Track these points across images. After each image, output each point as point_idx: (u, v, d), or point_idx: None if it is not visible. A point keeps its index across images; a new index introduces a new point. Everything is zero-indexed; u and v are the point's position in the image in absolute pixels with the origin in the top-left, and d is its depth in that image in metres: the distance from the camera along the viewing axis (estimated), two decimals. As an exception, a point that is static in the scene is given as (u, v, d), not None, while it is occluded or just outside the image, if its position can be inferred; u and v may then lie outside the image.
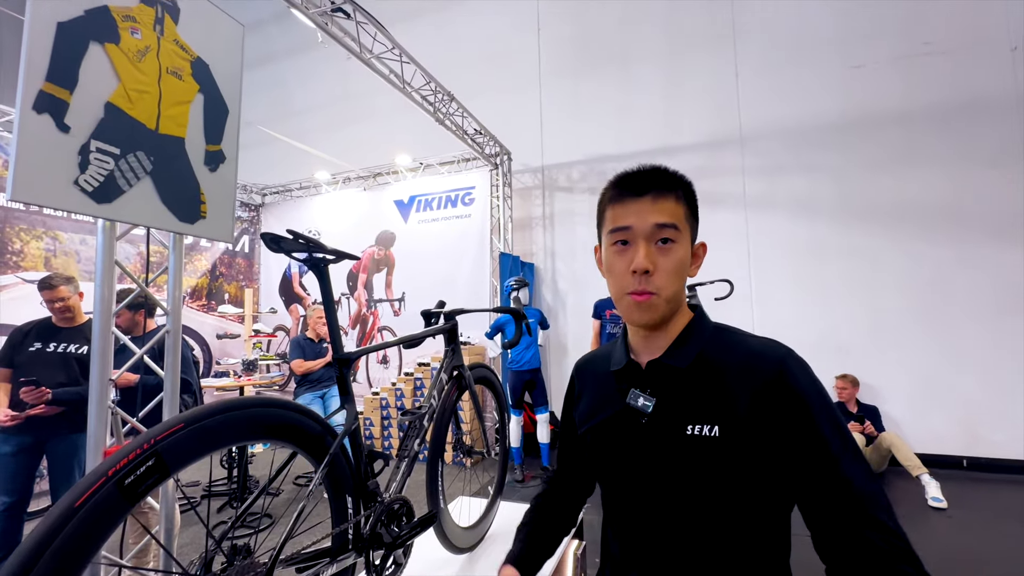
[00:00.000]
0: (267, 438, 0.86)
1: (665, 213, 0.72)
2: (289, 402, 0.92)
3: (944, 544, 2.84)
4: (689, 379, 0.73)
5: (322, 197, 6.80)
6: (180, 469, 0.72)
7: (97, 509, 0.60)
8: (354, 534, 1.04)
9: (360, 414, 5.09)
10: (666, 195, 0.73)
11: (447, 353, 1.55)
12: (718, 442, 0.68)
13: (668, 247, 0.71)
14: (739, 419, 0.67)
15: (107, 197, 1.53)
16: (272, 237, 0.94)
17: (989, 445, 4.07)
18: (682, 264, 0.72)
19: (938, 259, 4.27)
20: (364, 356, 6.28)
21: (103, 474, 0.62)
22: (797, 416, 0.65)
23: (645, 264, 0.70)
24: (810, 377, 0.68)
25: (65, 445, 2.53)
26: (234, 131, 2.01)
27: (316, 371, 4.01)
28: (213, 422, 0.76)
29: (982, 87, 4.22)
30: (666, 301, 0.72)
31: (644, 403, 0.75)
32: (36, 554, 0.55)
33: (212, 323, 6.23)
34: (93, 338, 1.52)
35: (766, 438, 0.66)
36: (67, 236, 4.64)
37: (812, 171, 4.69)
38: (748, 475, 0.67)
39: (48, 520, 0.57)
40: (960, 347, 4.18)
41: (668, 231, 0.71)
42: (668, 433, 0.72)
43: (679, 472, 0.71)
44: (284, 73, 7.60)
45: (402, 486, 1.23)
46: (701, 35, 5.23)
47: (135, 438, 0.69)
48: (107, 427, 1.54)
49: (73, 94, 1.46)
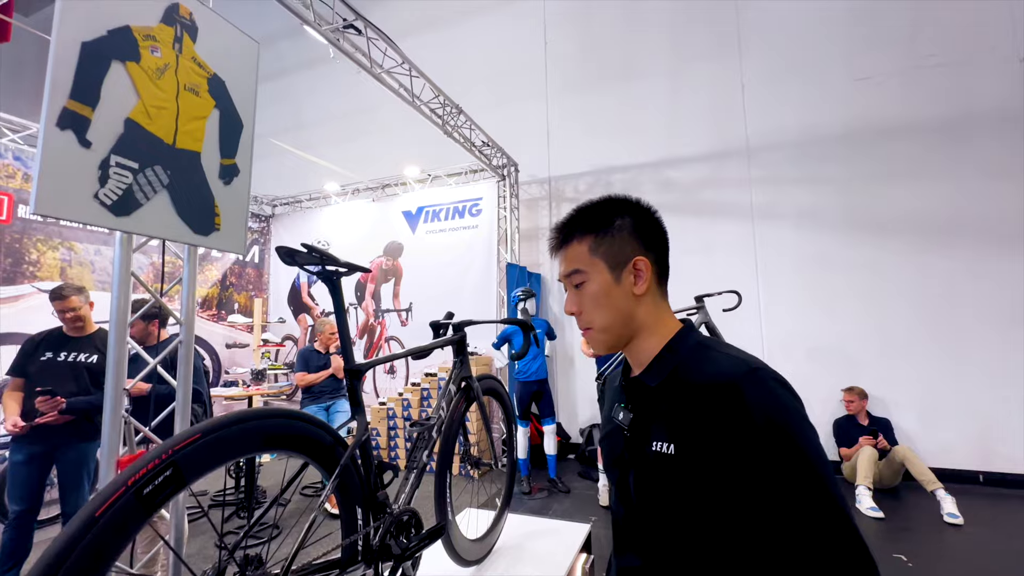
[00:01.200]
0: (280, 449, 0.87)
1: (566, 262, 0.81)
2: (302, 413, 0.93)
3: (961, 562, 2.77)
4: (657, 397, 0.74)
5: (331, 208, 6.88)
6: (196, 479, 0.73)
7: (117, 518, 0.62)
8: (363, 545, 1.04)
9: (343, 423, 5.09)
10: (567, 244, 0.82)
11: (455, 364, 1.56)
12: (674, 460, 0.68)
13: (582, 288, 0.80)
14: (693, 438, 0.67)
15: (125, 210, 1.57)
16: (287, 251, 0.96)
17: (1007, 460, 3.98)
18: (598, 296, 0.78)
19: (947, 270, 4.22)
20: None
21: (123, 484, 0.63)
22: (743, 442, 0.62)
23: (569, 309, 0.82)
24: (764, 401, 0.63)
25: (75, 454, 2.56)
26: (248, 145, 2.05)
27: (319, 383, 4.03)
28: (228, 432, 0.77)
29: (989, 98, 4.21)
30: (601, 331, 0.79)
31: (623, 417, 0.80)
32: (59, 561, 0.56)
33: (222, 332, 6.29)
34: (109, 348, 1.54)
35: (717, 460, 0.64)
36: (82, 247, 4.72)
37: (818, 183, 4.68)
38: (701, 495, 0.66)
39: (70, 529, 0.58)
40: (972, 359, 4.11)
41: (574, 277, 0.80)
42: (638, 448, 0.75)
43: (643, 486, 0.74)
44: (295, 86, 7.74)
45: (411, 497, 1.23)
46: (706, 47, 5.27)
47: (153, 448, 0.70)
48: (120, 436, 1.56)
49: (95, 111, 1.51)
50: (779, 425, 0.61)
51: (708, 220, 5.06)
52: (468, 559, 1.50)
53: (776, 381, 0.65)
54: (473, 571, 1.54)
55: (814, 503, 0.59)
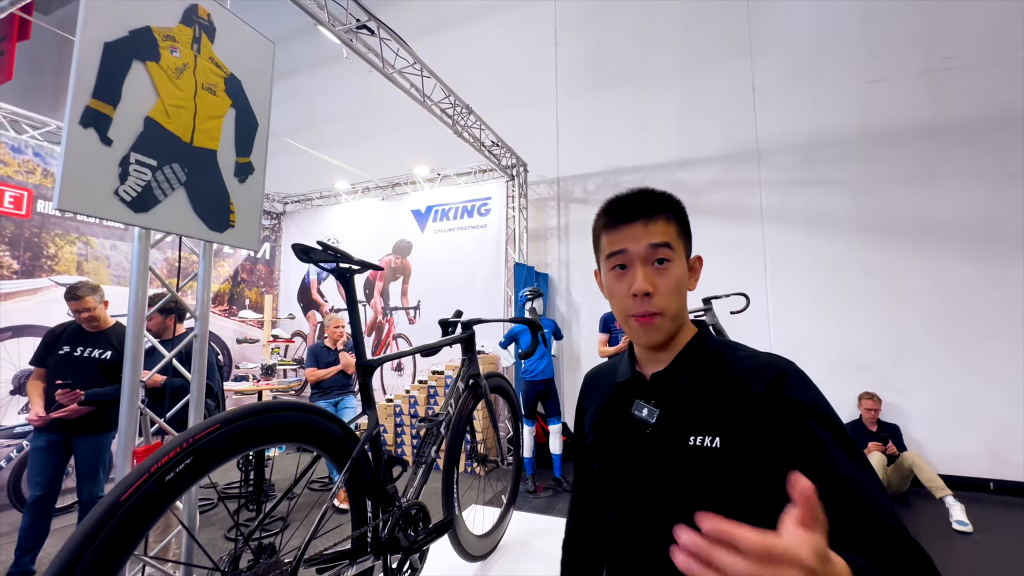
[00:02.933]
0: (294, 440, 0.90)
1: (658, 234, 0.74)
2: (314, 407, 0.96)
3: (970, 570, 2.74)
4: (692, 390, 0.74)
5: (341, 206, 6.94)
6: (215, 468, 0.76)
7: (140, 503, 0.64)
8: (372, 537, 1.07)
9: (354, 418, 5.14)
10: (656, 217, 0.75)
11: (464, 362, 1.58)
12: (719, 453, 0.69)
13: (665, 267, 0.74)
14: (739, 430, 0.68)
15: (144, 207, 1.61)
16: (302, 248, 0.99)
17: (1019, 469, 3.92)
18: (680, 281, 0.75)
19: (960, 275, 4.17)
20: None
21: (146, 470, 0.66)
22: (794, 424, 0.64)
23: (645, 286, 0.72)
24: (808, 387, 0.68)
25: (90, 444, 2.62)
26: (263, 144, 2.09)
27: (328, 379, 4.08)
28: (246, 424, 0.79)
29: (1004, 102, 4.15)
30: (670, 320, 0.75)
31: (648, 413, 0.77)
32: (87, 541, 0.59)
33: (233, 328, 6.37)
34: (127, 341, 1.58)
35: (766, 448, 0.66)
36: (98, 241, 4.82)
37: (830, 185, 4.64)
38: (749, 485, 0.67)
39: (97, 512, 0.61)
40: (984, 366, 4.06)
41: (663, 251, 0.74)
42: (671, 443, 0.74)
43: (681, 482, 0.72)
44: (306, 85, 7.82)
45: (419, 492, 1.26)
46: (718, 50, 5.25)
47: (173, 438, 0.73)
48: (136, 427, 1.60)
49: (116, 109, 1.54)
50: (821, 406, 0.65)
51: (717, 222, 5.04)
52: (474, 554, 1.52)
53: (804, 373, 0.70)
54: (478, 566, 1.56)
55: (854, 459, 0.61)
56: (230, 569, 0.80)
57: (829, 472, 0.60)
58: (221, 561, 0.81)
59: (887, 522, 0.57)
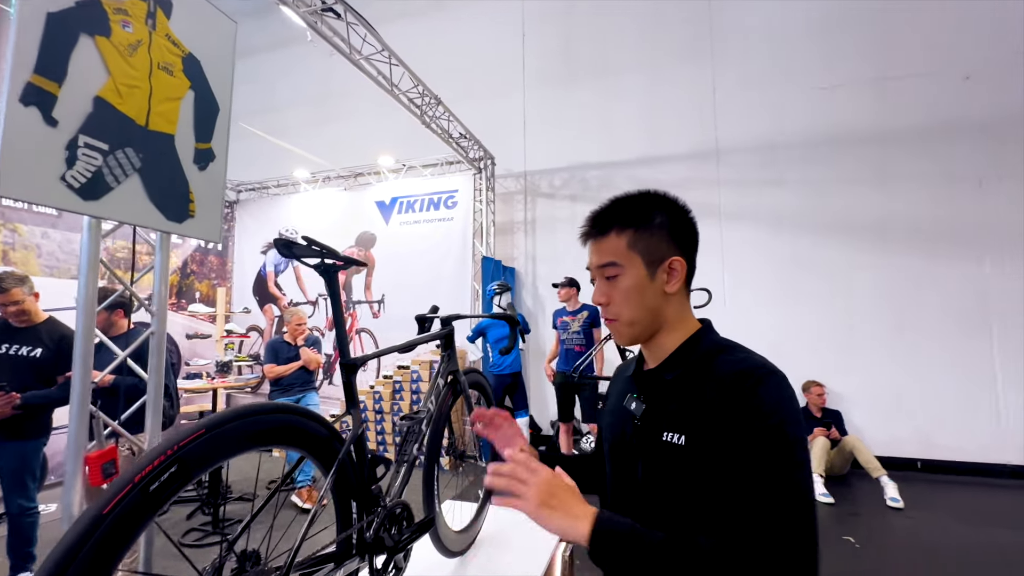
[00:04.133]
0: (281, 443, 0.87)
1: (603, 253, 0.81)
2: (300, 407, 0.92)
3: (903, 541, 3.01)
4: (672, 389, 0.78)
5: (300, 196, 6.67)
6: (199, 475, 0.72)
7: (123, 516, 0.60)
8: (358, 539, 1.05)
9: (337, 418, 5.02)
10: (603, 236, 0.81)
11: (443, 358, 1.57)
12: (683, 450, 0.72)
13: (614, 280, 0.80)
14: (703, 430, 0.71)
15: (94, 194, 1.49)
16: (285, 242, 0.95)
17: (942, 449, 4.32)
18: (630, 291, 0.79)
19: (902, 274, 4.52)
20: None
21: (129, 481, 0.62)
22: (745, 427, 0.66)
23: (597, 298, 0.83)
24: (772, 394, 0.68)
25: (14, 451, 2.37)
26: (224, 129, 1.98)
27: (288, 376, 3.94)
28: (232, 428, 0.76)
29: (940, 112, 4.51)
30: (627, 324, 0.81)
31: (636, 407, 0.83)
32: (67, 560, 0.54)
33: (182, 322, 6.01)
34: (76, 339, 1.47)
35: (723, 448, 0.68)
36: (27, 229, 4.41)
37: (785, 186, 4.90)
38: (709, 483, 0.69)
39: (77, 527, 0.57)
40: (919, 357, 4.43)
41: (607, 269, 0.81)
42: (649, 437, 0.78)
43: (652, 475, 0.77)
44: (263, 68, 7.43)
45: (402, 490, 1.24)
46: (680, 49, 5.40)
47: (156, 445, 0.69)
48: (87, 430, 1.49)
49: (62, 87, 1.42)
50: (775, 417, 0.66)
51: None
52: (453, 550, 1.52)
53: (785, 384, 0.70)
54: (457, 562, 1.56)
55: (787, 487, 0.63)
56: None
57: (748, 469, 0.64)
58: (204, 571, 0.77)
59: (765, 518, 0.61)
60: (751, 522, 0.62)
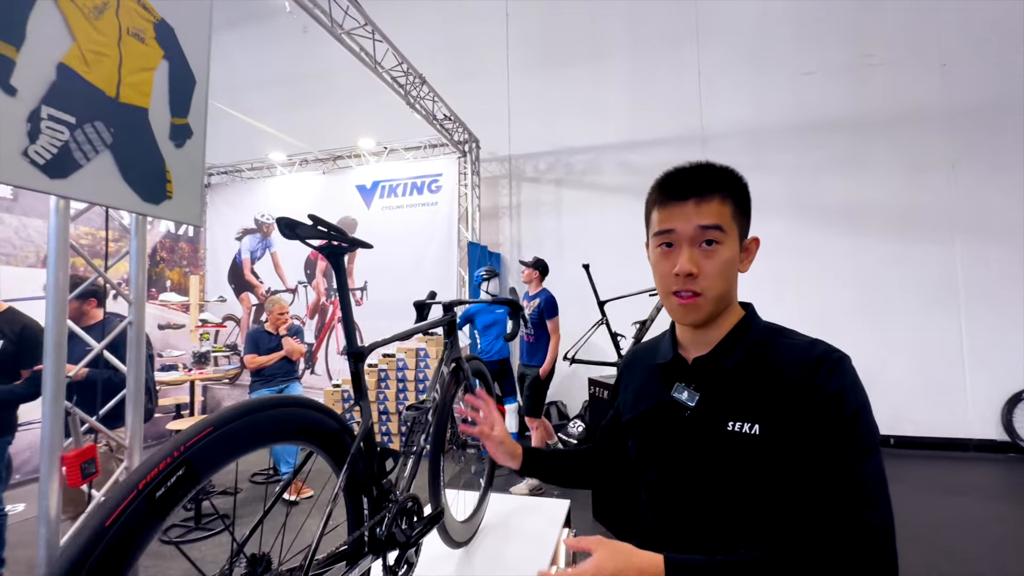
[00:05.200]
0: (291, 439, 0.81)
1: (709, 215, 0.72)
2: (310, 400, 0.86)
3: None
4: (734, 377, 0.74)
5: (276, 179, 6.41)
6: (208, 477, 0.65)
7: (128, 526, 0.54)
8: (370, 536, 1.00)
9: (346, 410, 4.92)
10: (710, 196, 0.73)
11: (446, 346, 1.51)
12: (758, 440, 0.69)
13: (713, 248, 0.72)
14: (777, 418, 0.69)
15: (62, 172, 1.36)
16: (287, 222, 0.87)
17: (912, 424, 4.52)
18: (728, 264, 0.73)
19: (877, 256, 4.66)
20: (323, 345, 6.05)
21: (133, 487, 0.55)
22: (817, 413, 0.66)
23: (688, 268, 0.71)
24: (837, 377, 0.68)
25: None
26: (202, 104, 1.84)
27: (270, 366, 3.81)
28: (241, 424, 0.69)
29: (916, 99, 4.61)
30: (713, 301, 0.74)
31: (688, 397, 0.77)
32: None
33: (153, 312, 5.74)
34: (47, 331, 1.35)
35: (799, 437, 0.67)
36: (-21, 213, 4.11)
37: (768, 171, 4.95)
38: (785, 473, 0.68)
39: (79, 541, 0.50)
40: (891, 337, 4.59)
41: (712, 233, 0.72)
42: (709, 428, 0.74)
43: (718, 466, 0.73)
44: (233, 42, 7.05)
45: (411, 483, 1.19)
46: (666, 33, 5.36)
47: (161, 446, 0.62)
48: (62, 428, 1.39)
49: (20, 52, 1.27)
50: (843, 398, 0.66)
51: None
52: (459, 540, 1.49)
53: (852, 365, 0.70)
54: (462, 553, 1.53)
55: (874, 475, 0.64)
56: (224, 585, 0.71)
57: (825, 460, 0.64)
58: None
59: (851, 512, 0.61)
60: (838, 517, 0.61)
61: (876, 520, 0.60)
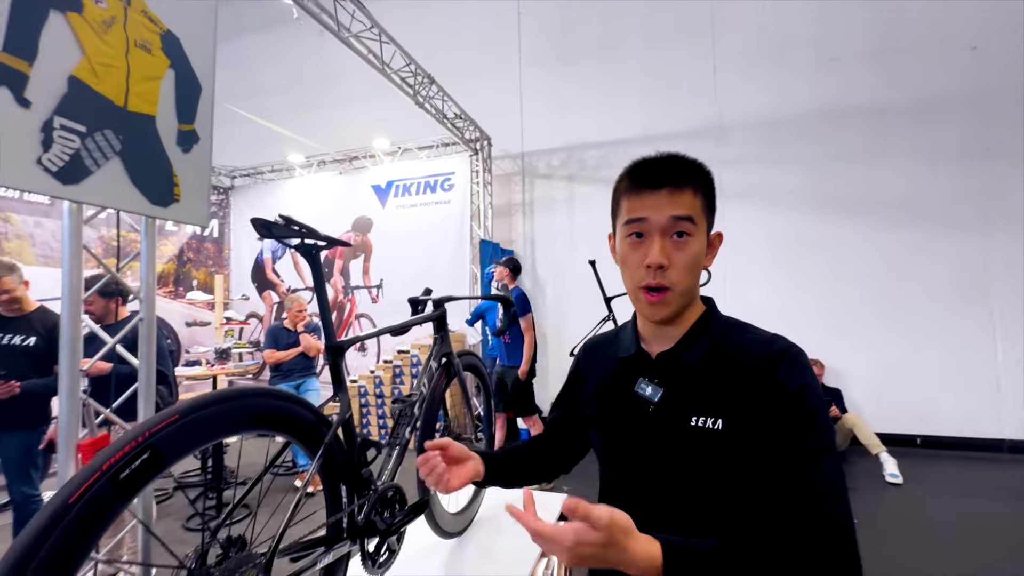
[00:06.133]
0: (262, 428, 0.85)
1: (682, 206, 0.70)
2: (283, 392, 0.90)
3: (901, 515, 3.03)
4: (697, 372, 0.74)
5: (295, 180, 6.59)
6: (175, 462, 0.70)
7: (92, 505, 0.58)
8: (348, 522, 1.04)
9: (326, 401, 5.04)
10: (684, 187, 0.71)
11: (436, 340, 1.54)
12: (721, 435, 0.69)
13: (684, 241, 0.71)
14: (741, 414, 0.69)
15: (74, 178, 1.45)
16: (262, 223, 0.91)
17: (939, 424, 4.34)
18: (697, 258, 0.72)
19: (901, 249, 4.47)
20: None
21: (97, 468, 0.60)
22: (780, 410, 0.67)
23: (660, 259, 0.70)
24: (797, 372, 0.68)
25: (17, 441, 2.40)
26: (208, 110, 1.92)
27: (288, 362, 3.94)
28: (208, 413, 0.73)
29: (945, 84, 4.40)
30: (680, 296, 0.73)
31: (652, 392, 0.77)
32: (31, 552, 0.52)
33: (180, 310, 6.01)
34: (62, 327, 1.44)
35: (762, 432, 0.68)
36: (20, 218, 4.37)
37: (786, 163, 4.81)
38: (747, 467, 0.68)
39: (41, 517, 0.55)
40: (917, 333, 4.41)
41: (684, 224, 0.70)
42: (673, 423, 0.74)
43: (681, 461, 0.73)
44: (251, 50, 7.26)
45: (394, 473, 1.23)
46: (680, 25, 5.25)
47: (129, 430, 0.66)
48: (79, 419, 1.48)
49: (33, 66, 1.36)
50: (804, 393, 0.67)
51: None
52: (450, 532, 1.52)
53: (806, 358, 0.71)
54: (454, 543, 1.57)
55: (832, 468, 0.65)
56: (197, 566, 0.75)
57: (790, 455, 0.65)
58: (187, 558, 0.75)
59: (818, 502, 0.61)
60: (808, 506, 0.62)
61: (842, 511, 0.62)
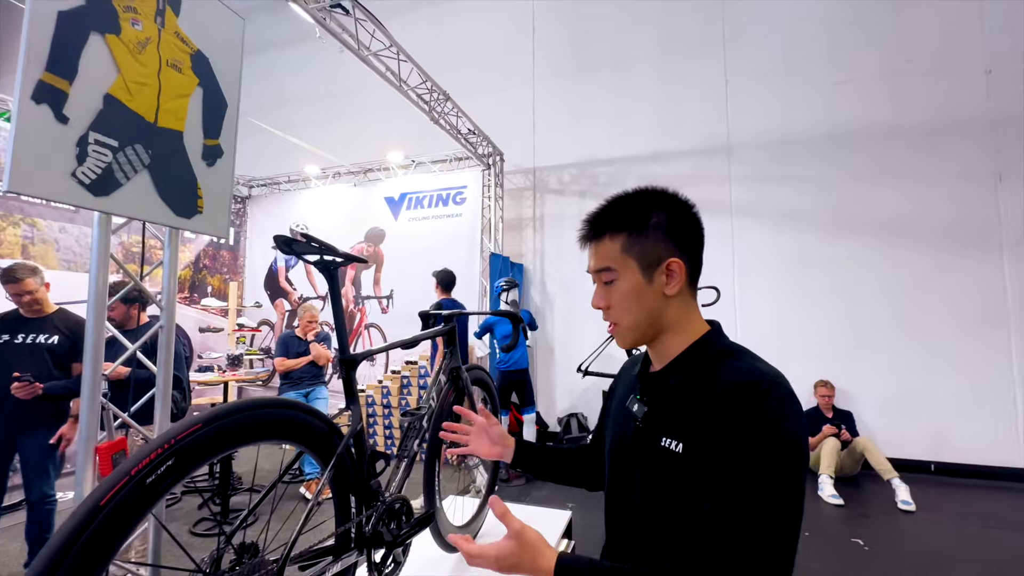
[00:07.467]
0: (279, 438, 0.88)
1: (598, 258, 0.80)
2: (298, 403, 0.94)
3: (913, 544, 2.96)
4: (674, 395, 0.76)
5: (311, 191, 6.72)
6: (196, 469, 0.73)
7: (121, 508, 0.61)
8: (356, 533, 1.06)
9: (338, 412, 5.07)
10: (597, 240, 0.80)
11: (446, 355, 1.57)
12: (680, 458, 0.71)
13: (612, 285, 0.79)
14: (700, 440, 0.69)
15: (104, 190, 1.52)
16: (285, 239, 0.95)
17: (955, 451, 4.24)
18: (627, 295, 0.77)
19: (916, 271, 4.43)
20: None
21: (126, 473, 0.63)
22: (731, 441, 0.65)
23: (597, 304, 0.82)
24: (771, 408, 0.65)
25: (38, 441, 2.45)
26: (232, 126, 2.00)
27: (298, 370, 3.99)
28: (229, 422, 0.77)
29: (960, 106, 4.40)
30: (629, 329, 0.79)
31: (638, 409, 0.81)
32: (64, 550, 0.56)
33: (194, 316, 6.12)
34: (87, 331, 1.50)
35: (717, 464, 0.67)
36: (45, 224, 4.51)
37: (797, 181, 4.82)
38: (703, 490, 0.68)
39: (75, 518, 0.58)
40: (932, 356, 4.34)
41: (604, 274, 0.79)
42: (648, 442, 0.77)
43: (648, 481, 0.76)
44: (274, 63, 7.48)
45: (402, 485, 1.25)
46: (693, 43, 5.32)
47: (155, 438, 0.70)
48: (98, 421, 1.52)
49: (72, 85, 1.44)
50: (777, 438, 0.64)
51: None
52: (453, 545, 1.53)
53: (789, 398, 0.67)
54: (457, 557, 1.57)
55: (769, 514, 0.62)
56: (212, 570, 0.78)
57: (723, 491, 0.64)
58: (203, 562, 0.78)
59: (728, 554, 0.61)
60: (725, 546, 0.62)
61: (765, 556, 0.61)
